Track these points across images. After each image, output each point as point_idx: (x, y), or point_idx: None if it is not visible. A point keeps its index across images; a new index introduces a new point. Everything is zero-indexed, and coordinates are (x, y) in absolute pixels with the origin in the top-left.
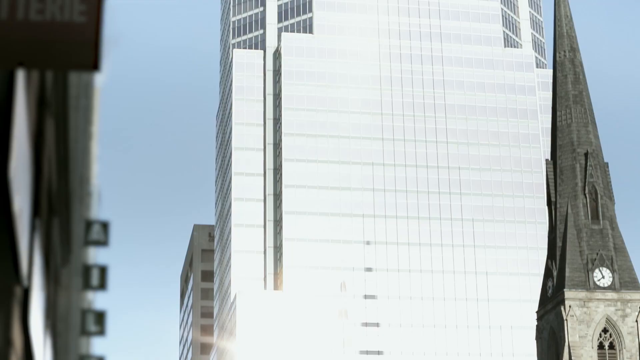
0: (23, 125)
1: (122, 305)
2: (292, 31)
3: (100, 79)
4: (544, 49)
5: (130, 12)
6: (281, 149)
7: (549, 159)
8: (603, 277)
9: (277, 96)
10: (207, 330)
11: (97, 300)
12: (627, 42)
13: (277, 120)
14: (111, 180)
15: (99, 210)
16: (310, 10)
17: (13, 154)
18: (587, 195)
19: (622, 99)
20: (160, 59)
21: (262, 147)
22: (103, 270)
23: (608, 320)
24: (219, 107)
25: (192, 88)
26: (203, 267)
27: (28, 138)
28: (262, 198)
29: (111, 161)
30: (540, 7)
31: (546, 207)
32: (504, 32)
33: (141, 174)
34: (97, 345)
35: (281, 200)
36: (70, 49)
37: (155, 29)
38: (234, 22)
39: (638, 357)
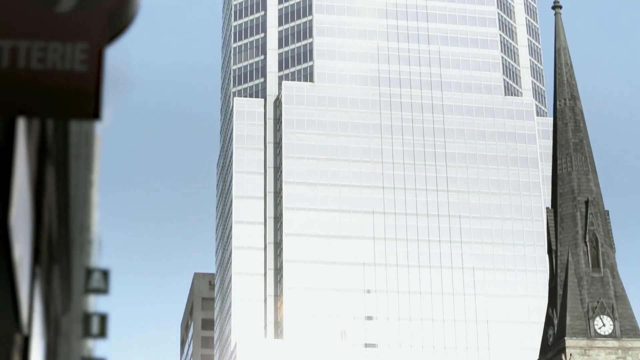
0: (24, 173)
1: (122, 353)
2: (293, 79)
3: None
4: (545, 97)
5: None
6: (281, 197)
7: (550, 207)
8: (604, 325)
9: (278, 144)
10: None
11: (98, 348)
12: (627, 90)
13: (278, 169)
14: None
15: (99, 258)
16: (311, 59)
17: (13, 202)
18: (588, 243)
19: (622, 146)
20: (161, 107)
21: (263, 195)
22: (103, 318)
23: None
24: (220, 155)
25: (193, 136)
26: (203, 316)
27: (28, 186)
28: (263, 246)
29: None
30: (540, 55)
31: (547, 255)
32: (504, 80)
33: (142, 222)
34: None
35: (282, 249)
36: (71, 97)
37: (156, 76)
38: (234, 70)
39: None
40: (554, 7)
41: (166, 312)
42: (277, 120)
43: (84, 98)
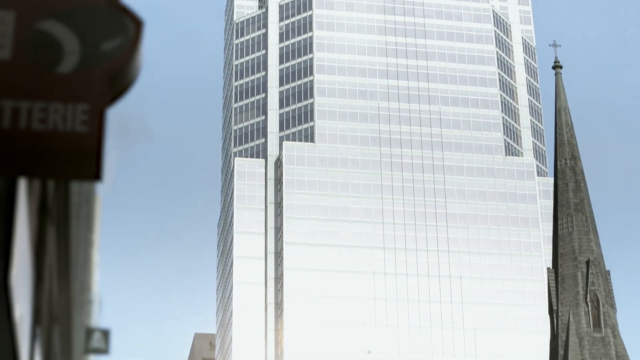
0: (24, 233)
1: None
2: (294, 140)
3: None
4: (545, 157)
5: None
6: (282, 258)
7: (551, 267)
8: None
9: (279, 205)
10: None
11: None
12: (628, 149)
13: (279, 229)
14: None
15: (99, 318)
16: (312, 119)
17: (14, 261)
18: (589, 303)
19: (623, 206)
20: (162, 167)
21: (264, 255)
22: None
23: None
24: (220, 216)
25: (193, 196)
26: None
27: (29, 245)
28: (264, 307)
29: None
30: (541, 115)
31: (548, 316)
32: (505, 140)
33: (142, 282)
34: None
35: (282, 309)
36: (72, 158)
37: (157, 136)
38: (235, 130)
39: None
40: (554, 67)
41: None
42: (278, 181)
43: (85, 159)
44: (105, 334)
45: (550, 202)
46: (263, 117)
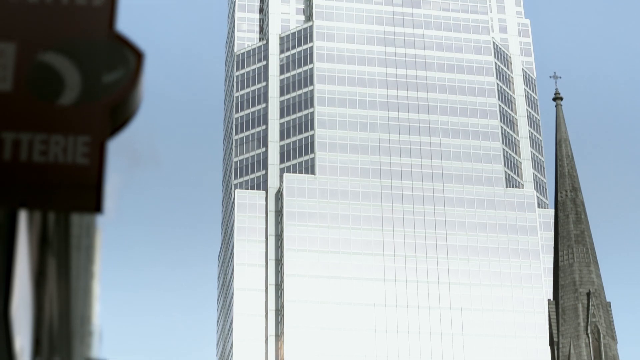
0: (25, 264)
1: None
2: (294, 172)
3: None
4: (546, 189)
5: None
6: (283, 290)
7: (551, 299)
8: None
9: (279, 237)
10: None
11: None
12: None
13: (279, 261)
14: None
15: (99, 349)
16: (312, 151)
17: (15, 293)
18: (590, 335)
19: (623, 238)
20: (162, 199)
21: (264, 288)
22: None
23: None
24: (221, 248)
25: (194, 228)
26: None
27: (30, 277)
28: (264, 339)
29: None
30: (541, 147)
31: (548, 348)
32: (505, 172)
33: (142, 313)
34: None
35: (283, 342)
36: (73, 191)
37: (158, 169)
38: (235, 162)
39: None
40: (555, 99)
41: None
42: (279, 213)
43: (85, 191)
44: None
45: (551, 234)
46: (264, 149)
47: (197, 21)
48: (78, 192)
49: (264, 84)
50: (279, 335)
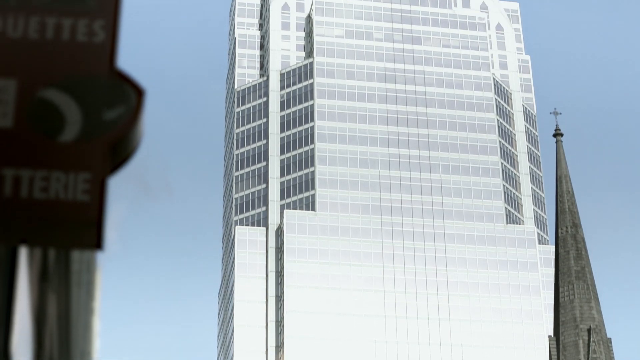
0: (25, 300)
1: None
2: (295, 208)
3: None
4: (546, 225)
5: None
6: (283, 326)
7: (552, 336)
8: None
9: (279, 273)
10: None
11: None
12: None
13: (279, 298)
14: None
15: None
16: (313, 188)
17: (15, 329)
18: None
19: (624, 273)
20: (162, 234)
21: (264, 324)
22: None
23: None
24: (221, 284)
25: (194, 264)
26: None
27: (30, 313)
28: None
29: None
30: (542, 183)
31: None
32: (506, 208)
33: (142, 350)
34: None
35: None
36: (73, 228)
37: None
38: (236, 198)
39: None
40: (555, 135)
41: None
42: (279, 249)
43: (86, 228)
44: None
45: (552, 270)
46: (264, 186)
47: (198, 57)
48: (79, 229)
49: (265, 120)
50: None
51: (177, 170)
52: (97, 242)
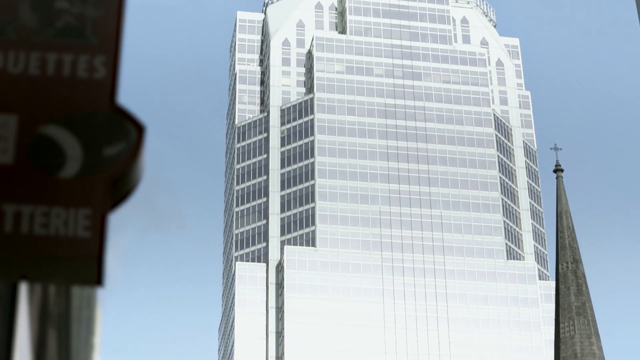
0: (25, 336)
1: None
2: (295, 244)
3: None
4: (547, 261)
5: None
6: None
7: None
8: None
9: (280, 309)
10: None
11: None
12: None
13: (280, 334)
14: None
15: None
16: (313, 224)
17: None
18: None
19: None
20: (163, 271)
21: None
22: None
23: None
24: (221, 320)
25: (194, 300)
26: None
27: (30, 349)
28: None
29: None
30: (542, 218)
31: None
32: (506, 244)
33: None
34: None
35: None
36: (74, 264)
37: (158, 240)
38: (236, 234)
39: None
40: (555, 171)
41: None
42: (279, 285)
43: (87, 265)
44: None
45: (552, 306)
46: (264, 221)
47: (199, 93)
48: (79, 265)
49: (265, 156)
50: None
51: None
52: (97, 278)
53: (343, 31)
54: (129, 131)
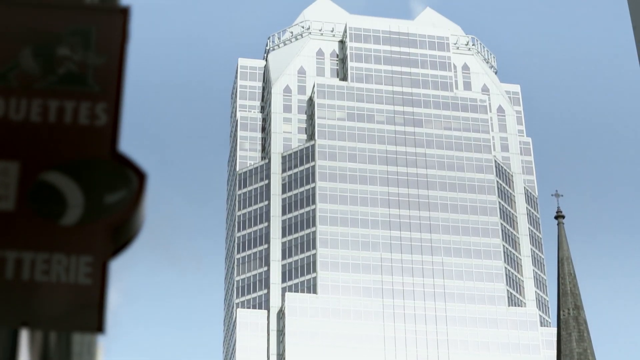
0: None
1: None
2: (296, 291)
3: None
4: (548, 307)
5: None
6: None
7: None
8: None
9: (281, 356)
10: None
11: None
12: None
13: None
14: None
15: None
16: (314, 271)
17: None
18: None
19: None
20: (164, 318)
21: None
22: None
23: None
24: None
25: (195, 347)
26: None
27: None
28: None
29: None
30: (543, 265)
31: None
32: (507, 291)
33: None
34: None
35: None
36: (75, 311)
37: (159, 288)
38: (237, 281)
39: None
40: (556, 217)
41: None
42: (281, 332)
43: (88, 312)
44: None
45: (554, 352)
46: (265, 268)
47: (200, 140)
48: (80, 312)
49: (266, 203)
50: None
51: (179, 252)
52: (98, 325)
53: (344, 78)
54: (130, 179)
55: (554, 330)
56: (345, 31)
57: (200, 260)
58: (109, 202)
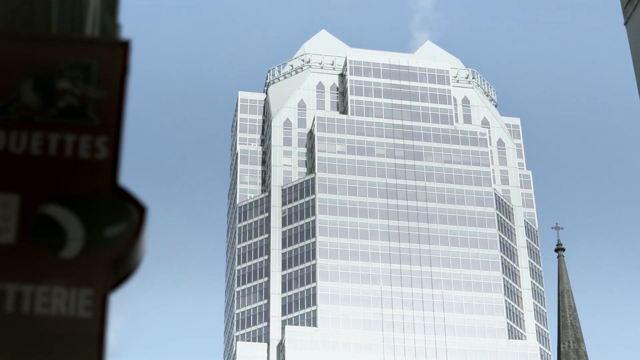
0: None
1: None
2: (296, 324)
3: None
4: (548, 340)
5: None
6: None
7: None
8: None
9: None
10: None
11: None
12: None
13: None
14: None
15: None
16: (315, 304)
17: None
18: None
19: None
20: (163, 353)
21: None
22: None
23: None
24: None
25: None
26: None
27: None
28: None
29: None
30: (544, 298)
31: None
32: (508, 323)
33: None
34: None
35: None
36: (75, 344)
37: (157, 320)
38: (237, 314)
39: None
40: (557, 250)
41: None
42: None
43: (87, 345)
44: None
45: None
46: (265, 301)
47: (200, 172)
48: (80, 345)
49: (266, 236)
50: None
51: (179, 285)
52: (98, 359)
53: (344, 111)
54: (131, 212)
55: None
56: (345, 64)
57: (200, 292)
58: (109, 236)
